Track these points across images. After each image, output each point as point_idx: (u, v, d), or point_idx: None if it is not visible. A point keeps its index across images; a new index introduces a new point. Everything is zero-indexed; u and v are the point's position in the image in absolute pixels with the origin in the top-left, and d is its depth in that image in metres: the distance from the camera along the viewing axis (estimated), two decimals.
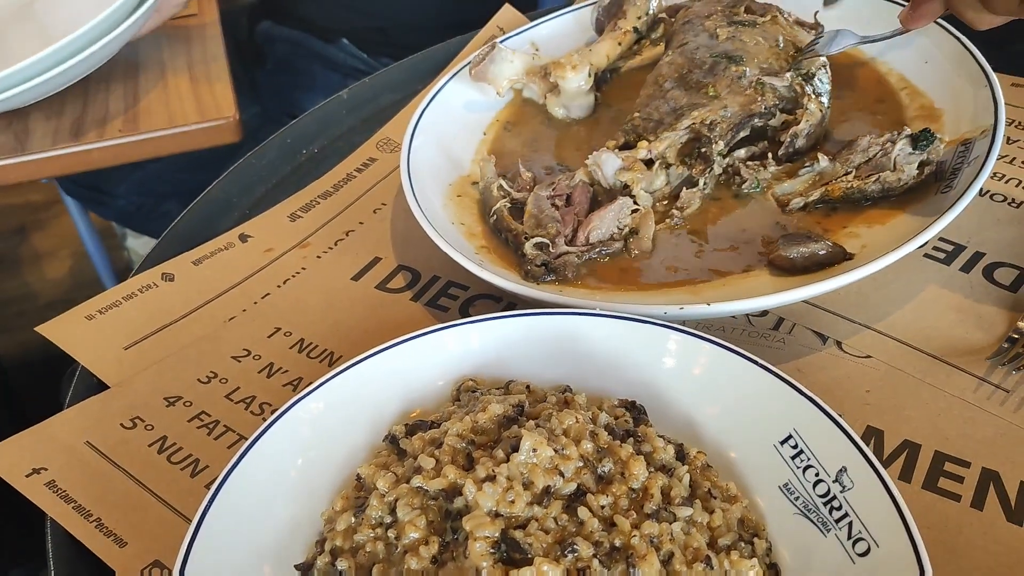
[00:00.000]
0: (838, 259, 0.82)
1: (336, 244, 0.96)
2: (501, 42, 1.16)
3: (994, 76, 0.94)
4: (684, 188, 0.89)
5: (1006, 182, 0.95)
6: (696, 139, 0.91)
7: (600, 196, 0.89)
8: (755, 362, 0.67)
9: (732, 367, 0.68)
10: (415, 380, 0.72)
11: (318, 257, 0.95)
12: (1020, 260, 0.86)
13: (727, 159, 0.91)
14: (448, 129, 1.05)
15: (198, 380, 0.80)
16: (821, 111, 0.92)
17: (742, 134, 0.92)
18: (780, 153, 0.92)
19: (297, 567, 0.60)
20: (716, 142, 0.90)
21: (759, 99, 0.91)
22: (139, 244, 2.93)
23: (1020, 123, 1.04)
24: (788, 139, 0.91)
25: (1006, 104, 1.05)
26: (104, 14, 1.30)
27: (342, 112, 1.18)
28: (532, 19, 1.26)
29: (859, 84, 1.07)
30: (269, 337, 0.85)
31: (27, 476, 0.70)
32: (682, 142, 0.91)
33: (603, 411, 0.66)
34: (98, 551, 0.65)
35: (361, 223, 0.99)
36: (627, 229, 0.84)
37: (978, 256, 0.86)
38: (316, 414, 0.68)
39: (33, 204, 3.45)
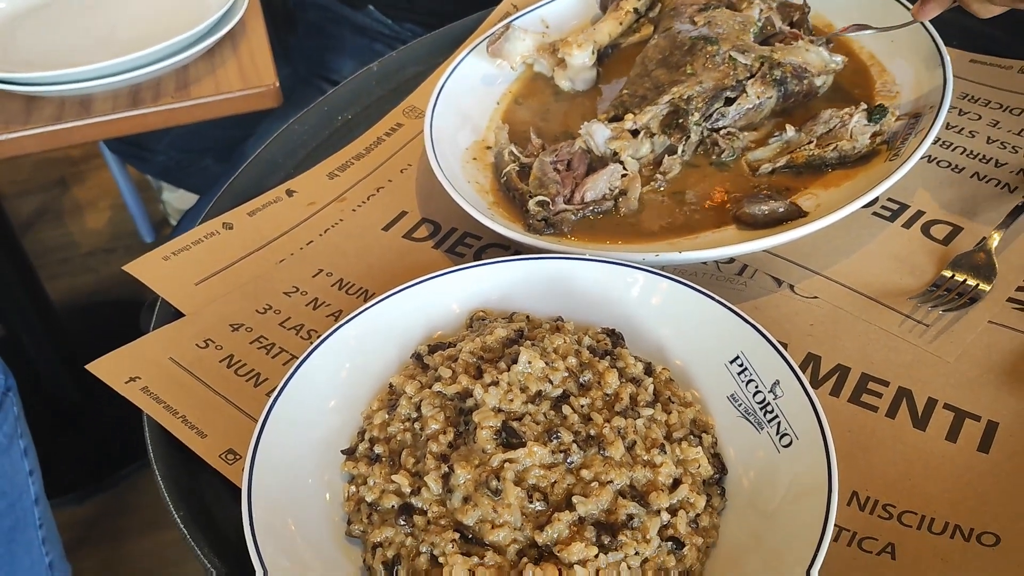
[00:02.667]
0: (794, 216, 0.96)
1: (368, 199, 1.11)
2: (515, 20, 1.30)
3: (948, 59, 1.05)
4: (666, 155, 1.03)
5: (952, 150, 1.08)
6: (676, 112, 1.04)
7: (595, 163, 1.04)
8: (714, 299, 0.82)
9: (696, 303, 0.82)
10: (436, 311, 0.87)
11: (353, 210, 1.10)
12: (954, 218, 0.99)
13: (700, 128, 1.04)
14: (466, 99, 1.18)
15: (256, 311, 0.96)
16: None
17: (716, 105, 1.05)
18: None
19: (343, 451, 0.77)
20: (692, 114, 1.03)
21: (731, 74, 1.05)
22: (174, 198, 3.08)
23: (973, 96, 1.16)
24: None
25: (962, 79, 1.18)
26: (186, 35, 1.48)
27: (372, 83, 1.32)
28: None
29: None
30: (313, 277, 1.00)
31: (126, 383, 0.86)
32: (663, 114, 1.04)
33: (587, 335, 0.81)
34: (185, 440, 0.82)
35: (390, 181, 1.14)
36: (617, 191, 0.99)
37: (919, 214, 1.00)
38: (354, 338, 0.83)
39: (73, 157, 3.61)
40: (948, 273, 0.91)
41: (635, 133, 1.03)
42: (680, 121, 1.03)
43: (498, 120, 1.18)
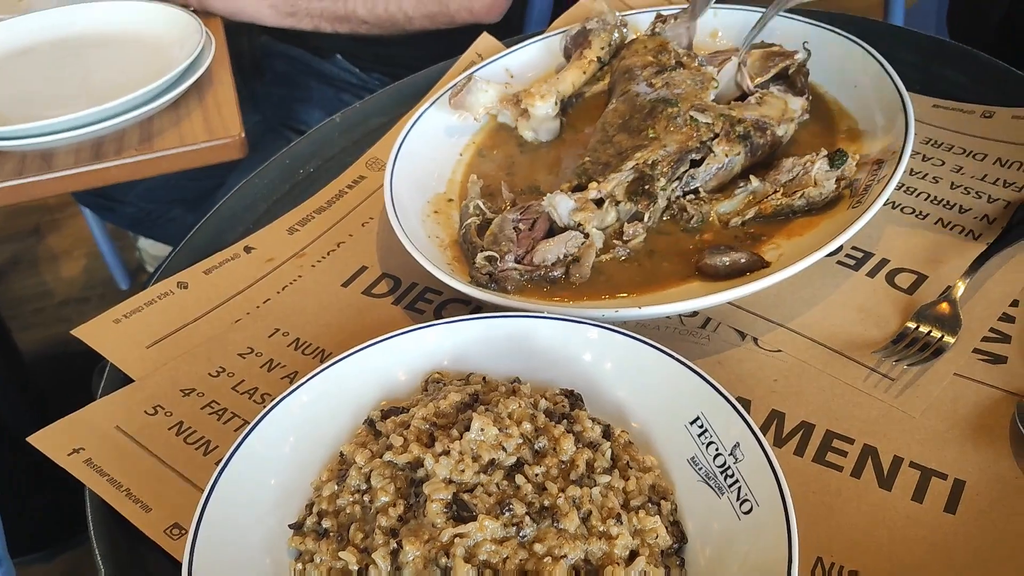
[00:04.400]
0: (757, 267, 0.94)
1: (328, 254, 1.09)
2: (478, 70, 1.29)
3: (910, 104, 1.04)
4: (626, 222, 1.00)
5: (916, 195, 1.07)
6: (641, 177, 1.01)
7: (557, 228, 1.00)
8: (674, 357, 0.80)
9: (656, 362, 0.81)
10: (391, 373, 0.85)
11: (312, 266, 1.08)
12: (919, 266, 0.98)
13: (667, 192, 1.02)
14: (428, 151, 1.17)
15: (209, 374, 0.93)
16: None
17: (682, 169, 1.02)
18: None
19: (291, 526, 0.74)
20: (658, 179, 1.01)
21: (694, 135, 1.03)
22: (150, 244, 3.05)
23: (936, 141, 1.15)
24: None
25: (926, 123, 1.18)
26: (151, 87, 1.46)
27: (335, 134, 1.31)
28: (508, 46, 1.38)
29: None
30: (269, 337, 0.98)
31: (68, 455, 0.83)
32: (628, 181, 1.01)
33: (545, 398, 0.79)
34: (128, 515, 0.79)
35: (351, 235, 1.12)
36: (570, 258, 0.96)
37: (884, 262, 0.99)
38: (307, 403, 0.81)
39: (48, 205, 3.59)
40: (912, 325, 0.90)
41: (599, 202, 1.00)
42: (646, 187, 1.00)
43: (461, 172, 1.17)
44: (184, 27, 1.65)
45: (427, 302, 1.01)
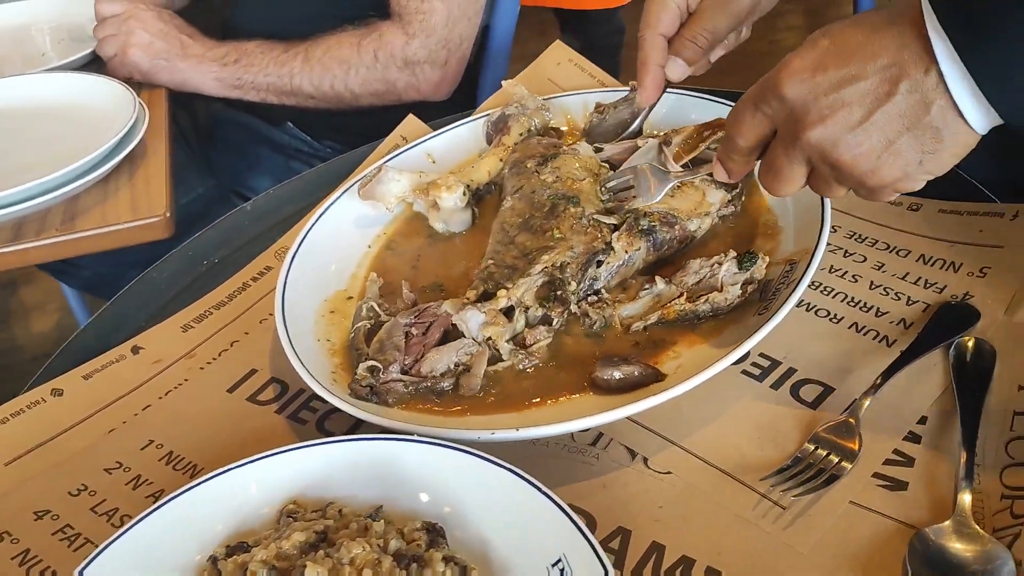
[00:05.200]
0: (651, 380, 0.90)
1: (220, 355, 1.05)
2: (394, 157, 1.26)
3: (828, 202, 1.00)
4: (528, 330, 0.95)
5: (833, 296, 1.02)
6: (551, 281, 0.97)
7: (451, 333, 0.96)
8: (542, 491, 0.75)
9: (523, 495, 0.76)
10: (249, 500, 0.80)
11: (201, 368, 1.03)
12: (827, 376, 0.93)
13: (576, 294, 0.97)
14: (335, 243, 1.13)
15: (69, 493, 0.88)
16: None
17: (590, 271, 0.98)
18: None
19: None
20: (569, 282, 0.96)
21: (599, 236, 0.99)
22: None
23: (860, 235, 1.11)
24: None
25: (850, 215, 1.14)
26: (78, 164, 1.42)
27: (245, 222, 1.27)
28: (435, 128, 1.35)
29: None
30: (142, 449, 0.93)
31: None
32: (538, 285, 0.97)
33: (401, 534, 0.74)
34: None
35: (246, 333, 1.08)
36: (461, 367, 0.91)
37: (790, 372, 0.94)
38: (155, 532, 0.76)
39: None
40: (810, 447, 0.84)
41: (509, 311, 0.95)
42: (558, 292, 0.95)
43: (366, 267, 1.13)
44: (118, 100, 1.62)
45: (311, 411, 0.96)
